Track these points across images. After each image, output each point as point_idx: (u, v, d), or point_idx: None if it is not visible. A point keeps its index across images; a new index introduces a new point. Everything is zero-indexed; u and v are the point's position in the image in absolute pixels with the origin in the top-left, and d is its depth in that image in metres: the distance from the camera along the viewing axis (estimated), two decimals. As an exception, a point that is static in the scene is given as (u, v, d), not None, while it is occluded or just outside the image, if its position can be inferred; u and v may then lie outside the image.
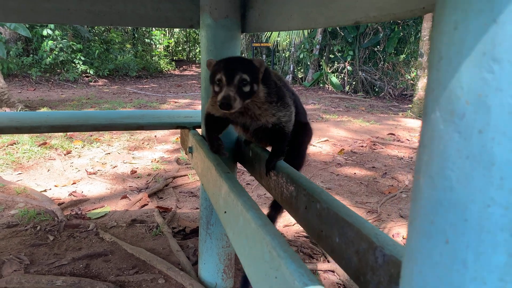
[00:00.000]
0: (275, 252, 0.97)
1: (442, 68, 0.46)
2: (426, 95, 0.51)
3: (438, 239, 0.48)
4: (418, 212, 0.52)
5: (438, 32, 0.47)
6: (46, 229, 3.22)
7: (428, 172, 0.49)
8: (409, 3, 1.29)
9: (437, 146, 0.47)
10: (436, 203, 0.48)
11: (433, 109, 0.48)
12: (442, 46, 0.46)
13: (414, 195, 0.54)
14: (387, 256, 0.97)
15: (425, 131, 0.51)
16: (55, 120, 2.37)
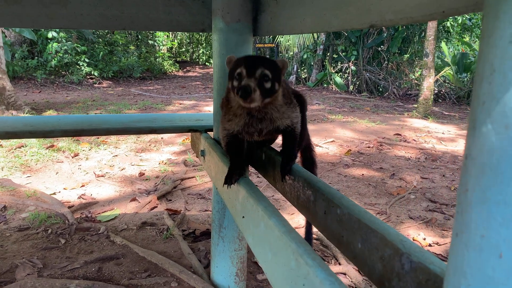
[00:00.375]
0: (302, 260, 0.96)
1: (495, 81, 0.46)
2: (474, 107, 0.51)
3: (491, 253, 0.47)
4: (467, 225, 0.51)
5: (489, 45, 0.47)
6: (57, 232, 3.23)
7: (478, 186, 0.49)
8: (429, 7, 1.28)
9: (489, 159, 0.47)
10: (488, 217, 0.47)
11: (484, 122, 0.48)
12: (495, 59, 0.46)
13: (460, 208, 0.54)
14: (415, 263, 0.97)
15: (473, 143, 0.51)
16: (67, 124, 2.38)
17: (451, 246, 0.57)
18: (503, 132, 0.45)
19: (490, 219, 0.47)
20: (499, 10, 0.46)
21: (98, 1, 2.17)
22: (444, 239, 3.39)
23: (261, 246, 1.27)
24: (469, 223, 0.51)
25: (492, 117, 0.47)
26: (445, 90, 13.49)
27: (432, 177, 4.95)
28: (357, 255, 1.24)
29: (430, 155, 5.90)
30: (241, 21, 2.18)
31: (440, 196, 4.33)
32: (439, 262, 0.93)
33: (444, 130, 7.99)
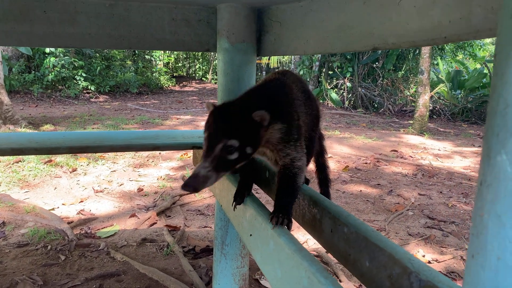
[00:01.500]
0: (315, 278, 0.99)
1: (508, 115, 0.50)
2: (487, 137, 0.55)
3: (507, 274, 0.51)
4: (482, 248, 0.55)
5: (503, 82, 0.51)
6: (57, 249, 3.22)
7: (494, 211, 0.53)
8: (431, 33, 1.34)
9: (504, 186, 0.51)
10: (504, 240, 0.51)
11: (499, 152, 0.52)
12: (509, 95, 0.50)
13: (475, 230, 0.57)
14: (424, 281, 1.00)
15: (488, 170, 0.54)
16: (72, 141, 2.40)
17: (466, 267, 0.60)
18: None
19: (506, 242, 0.51)
20: (510, 50, 0.50)
21: (105, 21, 2.22)
22: (443, 256, 3.41)
23: (270, 264, 1.29)
24: (484, 245, 0.54)
25: (507, 148, 0.51)
26: (440, 106, 13.67)
27: (430, 193, 4.99)
28: (364, 273, 1.26)
29: (427, 172, 5.95)
30: (246, 42, 2.24)
31: (438, 213, 4.36)
32: (447, 280, 0.96)
33: (440, 146, 8.08)
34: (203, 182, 1.17)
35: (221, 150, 1.18)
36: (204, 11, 2.34)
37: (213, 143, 1.19)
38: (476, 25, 1.15)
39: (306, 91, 1.60)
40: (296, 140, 1.36)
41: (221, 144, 1.18)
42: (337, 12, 1.78)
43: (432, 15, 1.31)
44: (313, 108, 1.64)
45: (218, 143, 1.18)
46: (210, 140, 1.20)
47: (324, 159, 2.00)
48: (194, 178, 1.16)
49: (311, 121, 1.60)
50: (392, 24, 1.49)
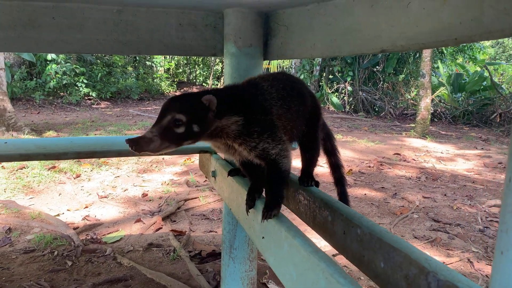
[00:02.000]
0: (333, 279, 0.99)
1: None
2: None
3: (539, 269, 0.51)
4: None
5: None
6: (63, 254, 3.21)
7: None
8: (441, 34, 1.34)
9: (535, 182, 0.51)
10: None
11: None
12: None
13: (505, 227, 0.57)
14: (442, 281, 1.00)
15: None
16: (80, 146, 2.41)
17: (494, 263, 0.60)
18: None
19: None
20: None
21: (113, 27, 2.23)
22: (449, 258, 3.40)
23: (284, 266, 1.29)
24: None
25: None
26: (441, 109, 13.68)
27: (434, 196, 4.99)
28: (379, 274, 1.27)
29: (430, 175, 5.95)
30: (253, 46, 2.25)
31: (443, 216, 4.36)
32: (466, 280, 0.97)
33: (442, 149, 8.08)
34: (147, 143, 1.27)
35: (169, 122, 1.30)
36: (211, 16, 2.35)
37: (163, 115, 1.31)
38: (488, 26, 1.15)
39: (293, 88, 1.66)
40: (260, 133, 1.43)
41: (169, 116, 1.30)
42: (345, 15, 1.79)
43: (442, 17, 1.31)
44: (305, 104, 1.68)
45: (168, 115, 1.30)
46: (161, 113, 1.33)
47: (337, 158, 2.01)
48: (139, 138, 1.27)
49: (300, 116, 1.64)
50: (400, 27, 1.49)
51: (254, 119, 1.44)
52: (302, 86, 1.77)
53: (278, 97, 1.55)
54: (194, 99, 1.38)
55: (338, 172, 1.98)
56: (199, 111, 1.35)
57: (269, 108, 1.50)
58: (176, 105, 1.34)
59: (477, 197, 5.01)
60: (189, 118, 1.32)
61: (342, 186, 1.95)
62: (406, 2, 1.45)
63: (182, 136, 1.33)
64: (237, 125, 1.42)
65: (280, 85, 1.61)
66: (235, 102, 1.44)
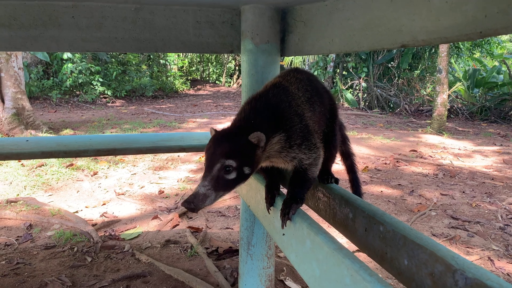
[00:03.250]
0: (359, 276, 0.98)
1: None
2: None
3: None
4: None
5: None
6: (83, 250, 3.26)
7: None
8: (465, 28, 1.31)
9: None
10: None
11: None
12: None
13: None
14: (470, 279, 0.98)
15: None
16: (100, 144, 2.44)
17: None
18: None
19: None
20: None
21: (131, 25, 2.25)
22: (469, 256, 3.35)
23: (307, 263, 1.29)
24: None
25: None
26: (457, 105, 13.46)
27: (452, 193, 4.91)
28: (402, 272, 1.25)
29: (448, 171, 5.86)
30: (270, 42, 2.25)
31: (462, 213, 4.29)
32: (496, 278, 0.95)
33: (460, 146, 7.95)
34: (203, 200, 1.22)
35: (219, 170, 1.24)
36: (228, 13, 2.35)
37: (212, 164, 1.24)
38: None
39: (313, 88, 1.61)
40: (299, 145, 1.39)
41: (219, 164, 1.24)
42: (363, 10, 1.77)
43: (466, 10, 1.28)
44: (324, 103, 1.65)
45: (216, 163, 1.24)
46: (209, 161, 1.26)
47: (347, 147, 2.01)
48: (194, 196, 1.22)
49: (322, 116, 1.61)
50: (422, 21, 1.47)
51: (294, 131, 1.39)
52: (319, 84, 1.75)
53: (306, 99, 1.51)
54: (240, 139, 1.28)
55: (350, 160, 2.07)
56: (248, 151, 1.28)
57: (302, 114, 1.44)
58: (223, 150, 1.25)
59: (497, 194, 4.91)
60: (239, 162, 1.25)
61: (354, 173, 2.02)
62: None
63: (234, 182, 1.27)
64: (280, 142, 1.37)
65: (304, 87, 1.57)
66: (273, 118, 1.36)
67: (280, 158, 1.42)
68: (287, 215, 1.39)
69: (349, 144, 2.04)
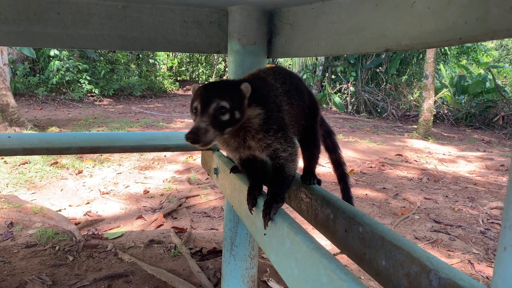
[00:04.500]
0: (335, 275, 0.99)
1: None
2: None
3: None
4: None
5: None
6: (65, 249, 3.22)
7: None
8: (446, 34, 1.34)
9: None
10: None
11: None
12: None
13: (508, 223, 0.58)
14: (443, 279, 1.00)
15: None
16: (83, 141, 2.42)
17: (497, 259, 0.60)
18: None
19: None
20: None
21: (118, 23, 2.24)
22: (450, 259, 3.40)
23: (286, 263, 1.30)
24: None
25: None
26: (444, 111, 13.66)
27: (435, 197, 4.98)
28: (380, 272, 1.27)
29: (432, 176, 5.95)
30: (257, 44, 2.25)
31: (444, 217, 4.35)
32: (468, 278, 0.97)
33: (444, 151, 8.07)
34: (204, 134, 1.27)
35: (215, 110, 1.30)
36: (216, 13, 2.35)
37: (207, 104, 1.30)
38: (493, 25, 1.15)
39: (291, 82, 1.65)
40: (276, 132, 1.44)
41: (214, 104, 1.30)
42: (349, 14, 1.79)
43: (447, 16, 1.31)
44: (303, 98, 1.68)
45: (212, 103, 1.30)
46: (204, 103, 1.31)
47: (338, 155, 2.00)
48: (197, 129, 1.27)
49: (301, 111, 1.64)
50: (405, 26, 1.49)
51: (272, 115, 1.45)
52: (299, 81, 1.77)
53: (283, 92, 1.55)
54: (233, 86, 1.38)
55: (340, 169, 1.97)
56: (238, 98, 1.36)
57: (279, 105, 1.50)
58: (218, 93, 1.34)
59: (479, 199, 5.00)
60: (231, 105, 1.32)
61: (345, 183, 1.95)
62: (411, 1, 1.45)
63: (226, 123, 1.33)
64: (260, 118, 1.43)
65: (282, 80, 1.61)
66: (256, 94, 1.42)
67: (256, 142, 1.45)
68: (268, 215, 1.40)
69: (340, 153, 2.03)
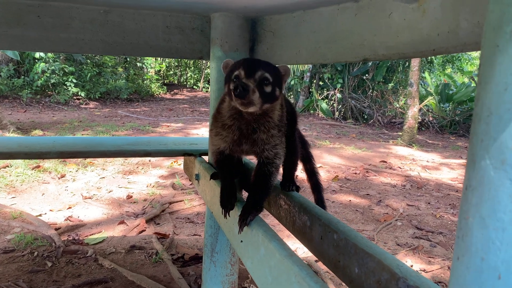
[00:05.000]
0: (305, 283, 1.00)
1: (491, 122, 0.53)
2: (473, 143, 0.57)
3: (490, 275, 0.53)
4: (467, 249, 0.57)
5: (486, 91, 0.54)
6: (43, 255, 3.17)
7: (478, 214, 0.55)
8: (420, 45, 1.38)
9: (488, 190, 0.53)
10: (488, 241, 0.53)
11: (483, 157, 0.54)
12: (492, 104, 0.53)
13: (461, 233, 0.59)
14: (411, 286, 1.02)
15: (472, 175, 0.57)
16: (63, 146, 2.39)
17: (452, 269, 0.62)
18: (499, 166, 0.52)
19: (489, 243, 0.53)
20: (494, 61, 0.53)
21: (99, 27, 2.23)
22: (431, 266, 3.44)
23: (261, 270, 1.30)
24: (469, 247, 0.57)
25: (490, 153, 0.53)
26: (428, 119, 13.86)
27: (418, 204, 5.04)
28: (353, 280, 1.28)
29: (415, 183, 6.02)
30: (239, 51, 2.27)
31: (426, 224, 4.41)
32: (435, 286, 0.99)
33: (428, 158, 8.18)
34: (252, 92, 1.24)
35: (260, 77, 1.28)
36: (198, 19, 2.36)
37: (253, 71, 1.27)
38: (463, 38, 1.19)
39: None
40: (282, 134, 1.48)
41: (260, 73, 1.28)
42: (329, 23, 1.82)
43: (421, 28, 1.34)
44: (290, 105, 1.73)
45: (258, 71, 1.28)
46: (249, 69, 1.28)
47: (312, 165, 2.01)
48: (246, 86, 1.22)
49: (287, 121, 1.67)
50: (382, 36, 1.52)
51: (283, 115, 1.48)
52: None
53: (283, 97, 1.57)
54: (274, 66, 1.38)
55: (314, 178, 1.99)
56: (278, 76, 1.36)
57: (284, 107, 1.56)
58: (263, 65, 1.32)
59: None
60: (273, 80, 1.31)
61: (319, 192, 1.96)
62: (388, 12, 1.48)
63: (268, 96, 1.30)
64: (280, 112, 1.45)
65: None
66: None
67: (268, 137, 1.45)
68: (245, 221, 1.41)
69: (314, 162, 2.06)
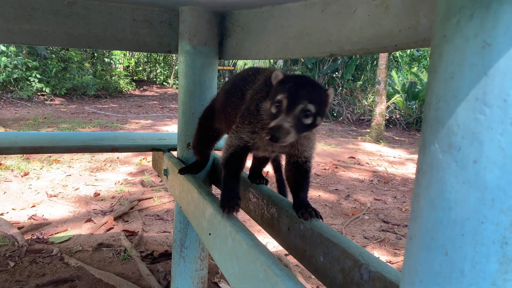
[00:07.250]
0: (270, 271, 1.02)
1: (440, 108, 0.56)
2: (424, 129, 0.61)
3: (438, 252, 0.56)
4: (419, 230, 0.60)
5: (435, 79, 0.57)
6: (6, 255, 3.07)
7: (428, 195, 0.58)
8: (383, 41, 1.42)
9: (436, 173, 0.57)
10: (436, 221, 0.57)
11: (432, 142, 0.58)
12: (440, 91, 0.56)
13: (413, 215, 0.63)
14: (373, 272, 1.06)
15: (423, 159, 0.60)
16: (26, 141, 2.32)
17: (406, 249, 0.65)
18: (447, 150, 0.55)
19: (437, 223, 0.56)
20: (442, 51, 0.56)
21: (64, 19, 2.17)
22: (396, 257, 3.56)
23: (228, 261, 1.32)
24: (420, 227, 0.60)
25: (438, 138, 0.56)
26: (395, 116, 14.25)
27: (385, 198, 5.19)
28: (319, 268, 1.31)
29: (382, 178, 6.19)
30: (208, 45, 2.26)
31: (392, 217, 4.55)
32: (395, 271, 1.03)
33: (395, 154, 8.41)
34: (285, 134, 1.20)
35: (300, 111, 1.22)
36: (166, 13, 2.34)
37: (295, 104, 1.22)
38: (423, 34, 1.24)
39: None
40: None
41: (301, 106, 1.22)
42: (297, 19, 1.85)
43: (384, 24, 1.39)
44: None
45: (300, 104, 1.22)
46: (292, 101, 1.23)
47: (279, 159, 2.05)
48: (280, 128, 1.19)
49: None
50: (348, 32, 1.56)
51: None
52: None
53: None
54: (320, 90, 1.32)
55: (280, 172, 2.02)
56: (324, 103, 1.31)
57: None
58: (308, 94, 1.25)
59: (424, 199, 5.25)
60: (316, 110, 1.25)
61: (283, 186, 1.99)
62: (353, 9, 1.52)
63: (306, 127, 1.27)
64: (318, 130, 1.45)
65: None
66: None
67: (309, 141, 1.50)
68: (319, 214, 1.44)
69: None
